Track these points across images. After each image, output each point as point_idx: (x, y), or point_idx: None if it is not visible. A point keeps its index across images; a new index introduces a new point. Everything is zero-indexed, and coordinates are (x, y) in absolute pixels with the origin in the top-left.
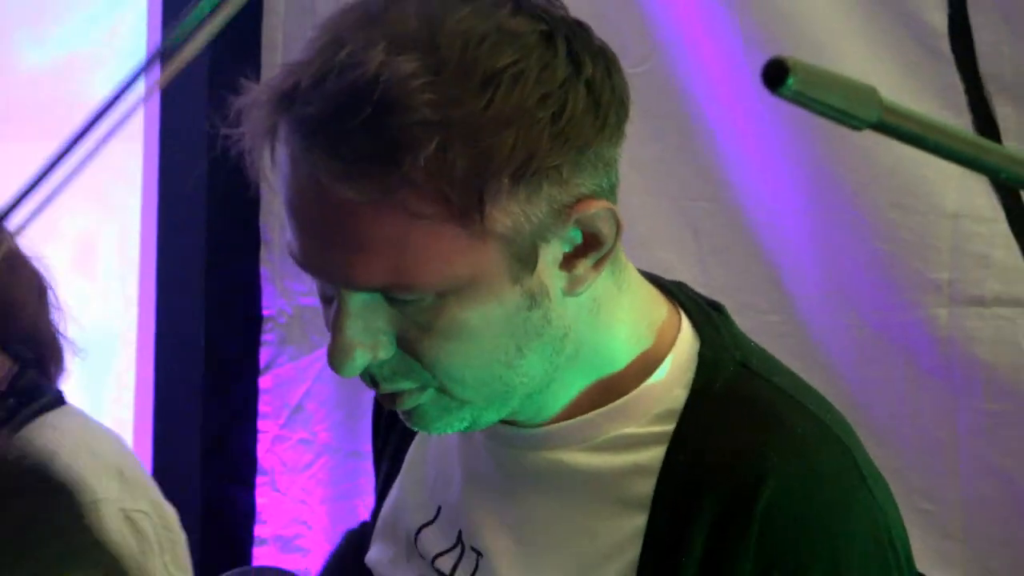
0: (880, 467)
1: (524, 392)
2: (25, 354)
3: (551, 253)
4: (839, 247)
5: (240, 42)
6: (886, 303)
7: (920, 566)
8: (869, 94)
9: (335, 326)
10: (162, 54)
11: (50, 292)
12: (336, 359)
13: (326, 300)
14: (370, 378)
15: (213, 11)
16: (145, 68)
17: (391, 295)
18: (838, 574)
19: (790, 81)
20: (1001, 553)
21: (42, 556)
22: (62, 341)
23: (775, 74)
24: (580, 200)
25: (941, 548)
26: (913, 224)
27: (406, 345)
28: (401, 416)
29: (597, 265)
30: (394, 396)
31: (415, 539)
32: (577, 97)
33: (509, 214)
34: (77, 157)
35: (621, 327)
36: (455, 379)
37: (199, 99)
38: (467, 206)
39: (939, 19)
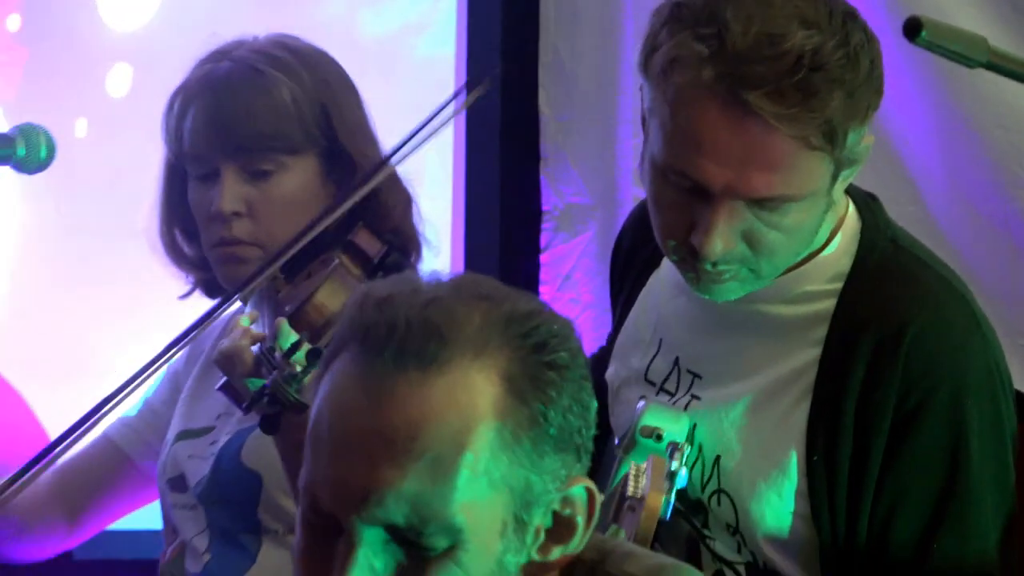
0: (988, 314)
1: (785, 268)
2: (393, 241)
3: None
4: (958, 157)
5: (519, 15)
6: (993, 197)
7: (1020, 386)
8: (981, 42)
9: (712, 225)
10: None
11: (414, 204)
12: (708, 249)
13: (678, 207)
14: (711, 262)
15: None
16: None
17: (763, 203)
18: (959, 391)
19: (924, 33)
20: None
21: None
22: (420, 238)
23: (912, 28)
24: (867, 135)
25: None
26: (1012, 139)
27: (751, 238)
28: (697, 286)
29: (848, 179)
30: (714, 274)
31: (647, 369)
32: (880, 65)
33: (848, 146)
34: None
35: (830, 216)
36: (773, 263)
37: (494, 62)
38: (838, 139)
39: None
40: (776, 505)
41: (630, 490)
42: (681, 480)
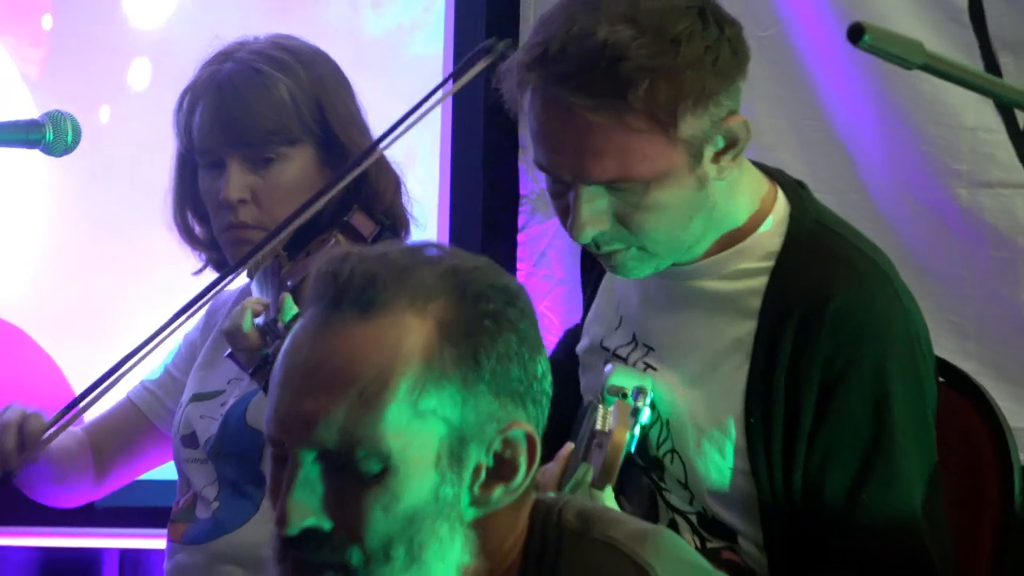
0: (923, 291)
1: (688, 245)
2: (385, 222)
3: (709, 152)
4: (897, 150)
5: (501, 18)
6: (928, 185)
7: (948, 357)
8: (917, 46)
9: (574, 210)
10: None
11: (403, 186)
12: (575, 231)
13: (557, 196)
14: (595, 244)
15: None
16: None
17: (613, 186)
18: (881, 357)
19: (866, 37)
20: (1002, 350)
21: (525, 334)
22: (409, 218)
23: (856, 32)
24: (728, 116)
25: (962, 346)
26: (944, 133)
27: (621, 219)
28: (607, 267)
29: (735, 158)
30: (608, 254)
31: (602, 340)
32: (725, 49)
33: (691, 126)
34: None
35: (742, 198)
36: (652, 240)
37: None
38: (667, 122)
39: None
40: (719, 462)
41: (598, 425)
42: (644, 417)
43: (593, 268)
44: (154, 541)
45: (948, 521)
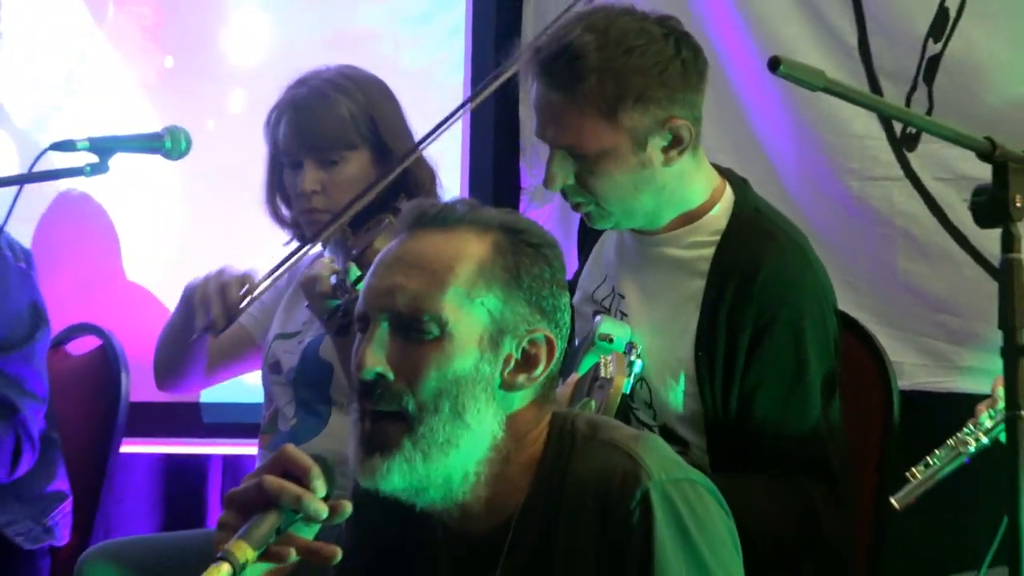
0: (825, 259)
1: (643, 213)
2: None
3: (656, 144)
4: (805, 152)
5: (505, 35)
6: (829, 180)
7: (844, 308)
8: (820, 73)
9: (548, 164)
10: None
11: (438, 177)
12: (546, 180)
13: (548, 156)
14: (564, 195)
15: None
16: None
17: (574, 153)
18: (798, 312)
19: (782, 67)
20: (885, 303)
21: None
22: None
23: (774, 63)
24: (671, 118)
25: (855, 300)
26: (840, 140)
27: (580, 180)
28: (586, 219)
29: (680, 153)
30: (576, 205)
31: (592, 293)
32: (675, 66)
33: (631, 119)
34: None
35: (698, 186)
36: (605, 200)
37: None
38: (610, 112)
39: (853, 39)
40: (675, 388)
41: (602, 373)
42: (636, 367)
43: (587, 238)
44: (249, 448)
45: (846, 435)
